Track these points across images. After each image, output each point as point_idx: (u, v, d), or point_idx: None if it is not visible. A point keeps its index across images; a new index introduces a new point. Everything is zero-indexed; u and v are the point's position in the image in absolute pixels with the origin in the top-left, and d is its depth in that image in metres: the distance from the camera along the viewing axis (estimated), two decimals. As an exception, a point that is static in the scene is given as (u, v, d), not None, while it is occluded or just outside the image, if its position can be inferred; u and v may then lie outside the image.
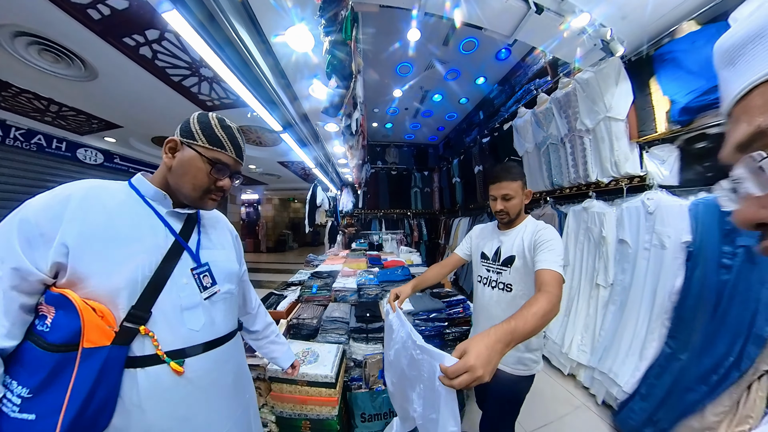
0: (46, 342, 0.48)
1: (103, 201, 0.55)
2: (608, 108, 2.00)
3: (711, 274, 1.35)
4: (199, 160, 0.62)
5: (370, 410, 1.42)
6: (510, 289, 1.08)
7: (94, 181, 0.57)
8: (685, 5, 1.60)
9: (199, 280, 0.64)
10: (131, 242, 0.56)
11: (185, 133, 0.63)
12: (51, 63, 2.04)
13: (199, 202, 0.65)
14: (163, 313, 0.56)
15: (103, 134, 3.44)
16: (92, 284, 0.51)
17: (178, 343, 0.58)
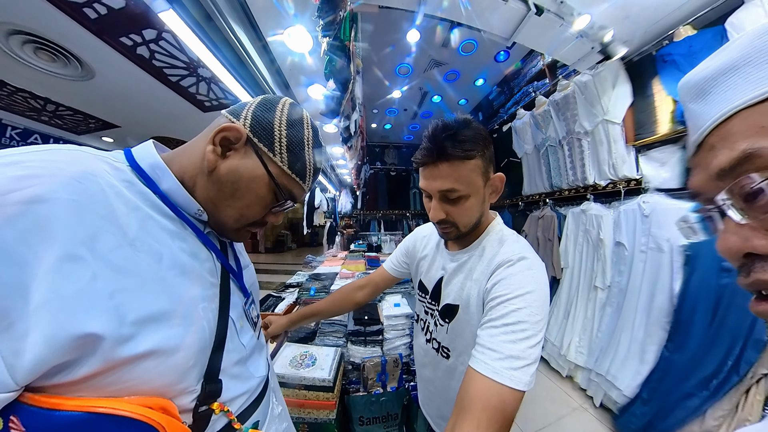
0: None
1: (113, 210, 0.30)
2: (605, 111, 2.01)
3: (711, 277, 1.35)
4: (265, 186, 0.41)
5: (368, 413, 1.41)
6: (446, 354, 0.64)
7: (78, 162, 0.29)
8: (682, 9, 1.61)
9: (249, 316, 0.48)
10: (181, 288, 0.35)
11: (263, 130, 0.40)
12: (47, 62, 2.02)
13: (234, 233, 0.44)
14: (231, 374, 0.40)
15: (101, 134, 3.42)
16: (142, 371, 0.29)
17: (246, 398, 0.44)
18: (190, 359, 0.33)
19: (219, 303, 0.40)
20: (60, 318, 0.24)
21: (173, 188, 0.38)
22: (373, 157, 5.80)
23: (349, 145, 2.66)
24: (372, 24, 2.45)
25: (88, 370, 0.26)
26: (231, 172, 0.39)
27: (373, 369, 1.49)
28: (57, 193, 0.26)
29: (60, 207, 0.26)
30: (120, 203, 0.31)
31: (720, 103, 0.22)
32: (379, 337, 1.65)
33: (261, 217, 0.44)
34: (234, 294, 0.45)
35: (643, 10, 1.65)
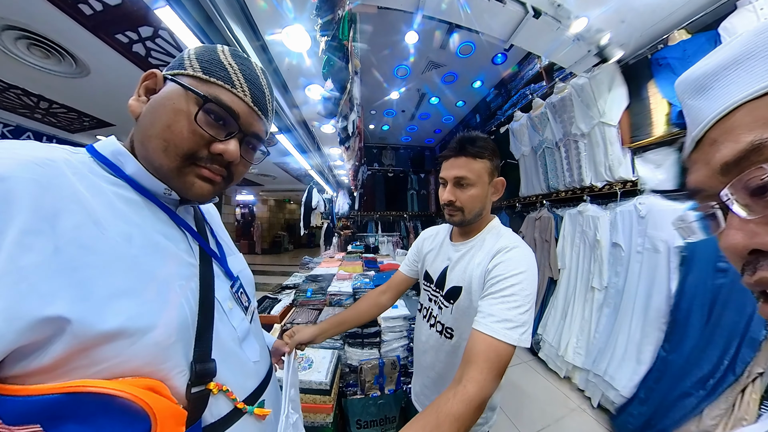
0: None
1: (74, 191, 0.29)
2: (602, 113, 2.03)
3: (707, 277, 1.36)
4: (181, 98, 0.36)
5: (366, 417, 1.39)
6: (450, 335, 0.74)
7: (28, 146, 0.29)
8: (677, 14, 1.63)
9: (239, 299, 0.47)
10: (154, 265, 0.34)
11: (172, 64, 0.39)
12: (40, 59, 1.99)
13: (177, 178, 0.37)
14: (224, 355, 0.39)
15: (95, 132, 3.37)
16: (118, 348, 0.28)
17: (252, 383, 0.44)
18: (171, 336, 0.32)
19: (200, 282, 0.39)
20: (20, 289, 0.24)
21: (137, 171, 0.37)
22: (371, 158, 5.80)
23: (346, 146, 2.66)
24: (370, 25, 2.46)
25: (56, 354, 0.25)
26: (148, 105, 0.37)
27: (370, 371, 1.48)
28: (17, 172, 0.26)
29: (20, 185, 0.25)
30: (82, 186, 0.31)
31: (722, 97, 0.22)
32: (376, 339, 1.64)
33: (195, 142, 0.37)
34: (218, 277, 0.44)
35: (639, 14, 1.67)
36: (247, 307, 0.49)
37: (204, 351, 0.36)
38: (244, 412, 0.40)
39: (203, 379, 0.35)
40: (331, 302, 1.94)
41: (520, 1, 1.72)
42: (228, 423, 0.38)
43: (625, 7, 1.64)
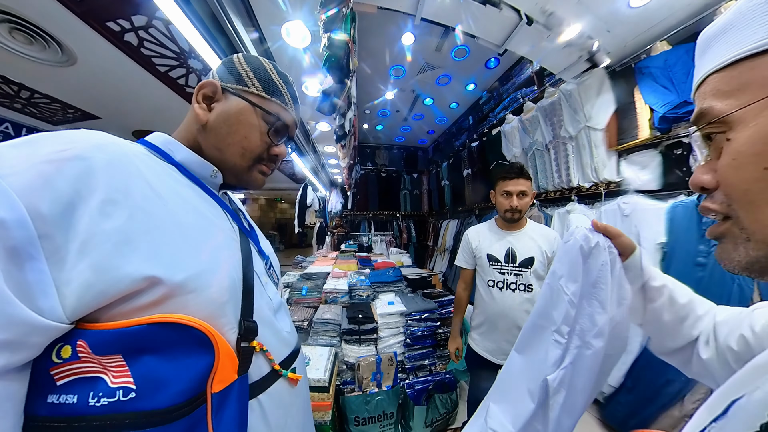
0: (147, 413, 0.28)
1: (139, 169, 0.35)
2: (588, 118, 2.12)
3: (687, 271, 1.45)
4: (252, 114, 0.45)
5: (364, 413, 1.40)
6: (531, 289, 1.12)
7: (98, 134, 0.34)
8: (659, 26, 1.73)
9: (271, 276, 0.53)
10: (206, 234, 0.39)
11: (230, 75, 0.46)
12: (23, 44, 1.89)
13: (247, 174, 0.48)
14: (263, 321, 0.43)
15: (79, 125, 3.21)
16: (182, 302, 0.32)
17: (285, 350, 0.48)
18: (224, 294, 0.37)
19: (241, 254, 0.44)
20: (106, 248, 0.29)
21: (187, 156, 0.45)
22: (365, 157, 5.80)
23: (342, 144, 2.65)
24: (368, 25, 2.48)
25: (137, 303, 0.30)
26: (220, 115, 0.45)
27: (367, 368, 1.48)
28: (92, 153, 0.31)
29: (97, 164, 0.31)
30: (143, 166, 0.36)
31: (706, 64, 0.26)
32: (373, 335, 1.65)
33: (263, 148, 0.48)
34: (254, 254, 0.49)
35: (624, 25, 1.76)
36: (277, 284, 0.56)
37: (248, 311, 0.41)
38: (280, 374, 0.45)
39: (248, 335, 0.40)
40: (326, 300, 1.93)
41: (515, 8, 1.78)
42: (268, 383, 0.43)
43: (612, 18, 1.73)
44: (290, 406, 0.47)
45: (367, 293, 1.94)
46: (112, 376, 0.28)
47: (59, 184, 0.28)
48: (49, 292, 0.26)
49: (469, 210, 4.14)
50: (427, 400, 1.53)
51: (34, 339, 0.26)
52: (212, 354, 0.33)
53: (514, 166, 1.15)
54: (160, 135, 0.45)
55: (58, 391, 0.27)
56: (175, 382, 0.30)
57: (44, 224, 0.26)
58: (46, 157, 0.28)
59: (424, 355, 1.72)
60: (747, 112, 0.23)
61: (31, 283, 0.25)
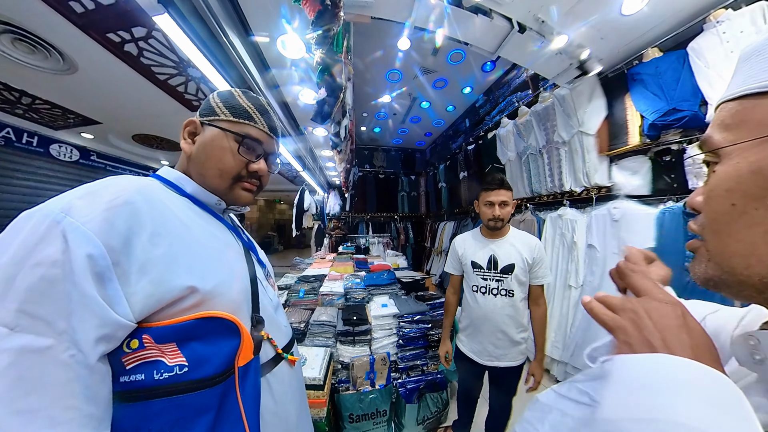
0: (196, 381, 0.40)
1: (168, 206, 0.45)
2: (580, 123, 2.15)
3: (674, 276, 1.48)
4: (223, 138, 0.52)
5: (358, 411, 1.45)
6: (512, 294, 1.19)
7: (132, 180, 0.43)
8: (650, 33, 1.77)
9: (269, 281, 0.65)
10: (221, 252, 0.50)
11: (205, 111, 0.54)
12: (25, 54, 1.94)
13: (230, 193, 0.55)
14: (267, 316, 0.55)
15: (80, 130, 3.26)
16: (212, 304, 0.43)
17: (284, 339, 0.59)
18: (240, 296, 0.49)
19: (247, 266, 0.55)
20: (160, 268, 0.39)
21: (195, 189, 0.54)
22: (362, 159, 5.84)
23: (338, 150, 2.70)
24: (364, 31, 2.51)
25: (182, 306, 0.41)
26: (199, 146, 0.53)
27: (361, 368, 1.53)
28: (136, 197, 0.41)
29: (141, 205, 0.40)
30: (168, 201, 0.47)
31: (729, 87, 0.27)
32: (367, 336, 1.70)
33: (239, 167, 0.54)
34: (255, 264, 0.59)
35: (616, 31, 1.80)
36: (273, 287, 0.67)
37: (256, 308, 0.53)
38: (283, 357, 0.56)
39: (258, 326, 0.51)
40: (323, 302, 1.98)
41: (506, 17, 1.82)
42: (274, 364, 0.54)
43: (605, 25, 1.76)
44: (290, 385, 0.58)
45: (362, 296, 1.99)
46: (169, 358, 0.39)
47: (118, 225, 0.37)
48: (123, 302, 0.36)
49: (465, 212, 4.18)
50: (418, 398, 1.58)
51: (119, 333, 0.36)
52: (239, 337, 0.44)
53: (495, 177, 1.21)
54: (170, 171, 0.54)
55: (127, 373, 0.37)
56: (215, 358, 0.42)
57: (114, 255, 0.36)
58: (106, 205, 0.37)
59: (416, 355, 1.77)
60: (735, 149, 0.24)
61: (111, 297, 0.35)
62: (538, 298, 1.24)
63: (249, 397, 0.45)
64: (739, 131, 0.24)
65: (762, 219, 0.22)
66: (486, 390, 1.38)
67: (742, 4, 1.44)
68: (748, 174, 0.23)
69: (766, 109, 0.22)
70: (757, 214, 0.22)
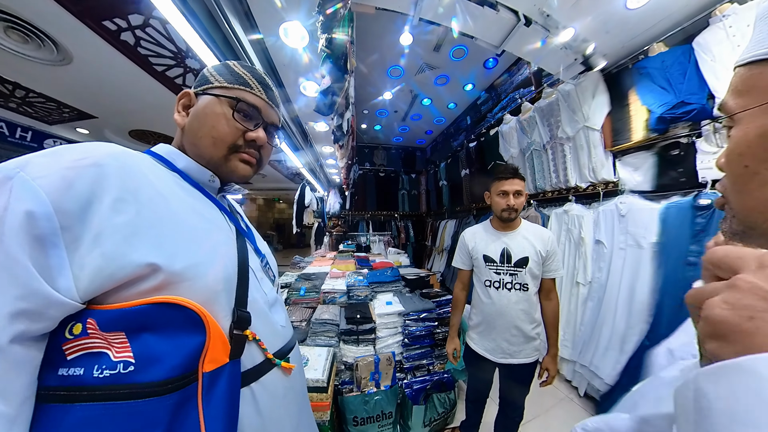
0: (143, 385, 0.31)
1: (146, 175, 0.39)
2: (586, 118, 2.13)
3: (678, 271, 1.47)
4: (216, 104, 0.47)
5: (362, 413, 1.40)
6: (527, 288, 1.15)
7: (112, 145, 0.38)
8: (656, 28, 1.75)
9: (267, 273, 0.56)
10: (204, 232, 0.43)
11: (199, 82, 0.51)
12: (18, 43, 1.88)
13: (225, 164, 0.49)
14: (257, 313, 0.46)
15: (75, 125, 3.18)
16: (181, 288, 0.36)
17: (278, 342, 0.50)
18: (218, 283, 0.41)
19: (237, 251, 0.47)
20: (116, 239, 0.33)
21: (187, 164, 0.48)
22: (363, 157, 5.80)
23: (340, 144, 2.65)
24: (366, 25, 2.47)
25: (141, 288, 0.34)
26: (192, 115, 0.49)
27: (366, 368, 1.48)
28: (107, 160, 0.36)
29: (111, 169, 0.35)
30: (150, 172, 0.41)
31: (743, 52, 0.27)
32: (371, 335, 1.65)
33: (235, 135, 0.49)
34: (250, 252, 0.52)
35: (622, 26, 1.78)
36: (273, 280, 0.58)
37: (242, 302, 0.44)
38: (274, 363, 0.47)
39: (241, 324, 0.42)
40: (325, 300, 1.93)
41: (512, 10, 1.79)
42: (261, 372, 0.45)
43: (610, 19, 1.74)
44: (284, 397, 0.48)
45: (365, 293, 1.95)
46: (115, 351, 0.32)
47: (79, 185, 0.32)
48: (66, 274, 0.30)
49: (467, 210, 4.15)
50: (425, 399, 1.54)
51: (50, 312, 0.30)
52: (204, 334, 0.36)
53: (509, 167, 1.17)
54: (164, 146, 0.50)
55: (68, 364, 0.31)
56: (170, 357, 0.33)
57: (66, 218, 0.31)
58: (68, 164, 0.33)
59: (422, 354, 1.72)
60: (745, 115, 0.25)
61: (52, 266, 0.30)
62: (550, 292, 1.20)
63: (217, 412, 0.35)
64: (750, 97, 0.25)
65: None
66: (495, 389, 1.34)
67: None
68: (756, 138, 0.24)
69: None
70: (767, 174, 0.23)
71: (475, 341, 1.27)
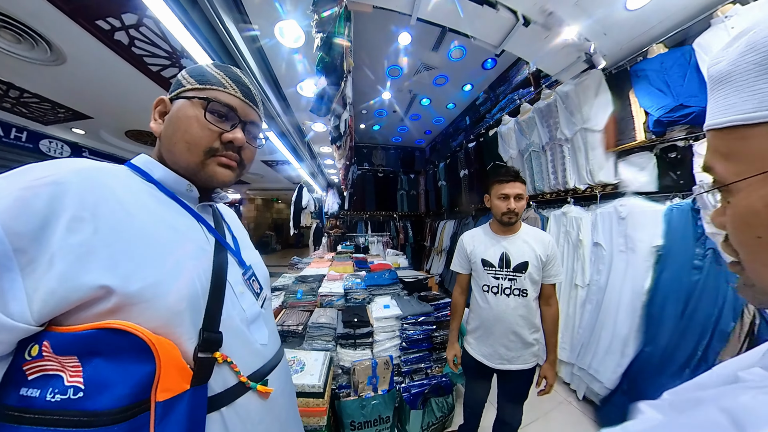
0: (91, 413, 0.30)
1: (112, 189, 0.38)
2: (585, 119, 2.11)
3: (683, 274, 1.45)
4: (189, 107, 0.46)
5: (360, 418, 1.38)
6: (526, 294, 1.13)
7: (81, 161, 0.38)
8: (655, 29, 1.73)
9: (251, 286, 0.53)
10: (172, 246, 0.41)
11: (173, 87, 0.49)
12: (11, 43, 1.85)
13: (203, 170, 0.47)
14: (232, 332, 0.44)
15: (71, 125, 3.16)
16: (137, 310, 0.35)
17: (257, 362, 0.48)
18: (181, 303, 0.38)
19: (213, 265, 0.45)
20: (69, 260, 0.32)
21: (163, 174, 0.47)
22: (361, 157, 5.78)
23: (338, 145, 2.63)
24: (364, 25, 2.45)
25: (96, 310, 0.33)
26: (166, 122, 0.48)
27: (363, 372, 1.47)
28: (68, 177, 0.35)
29: (70, 187, 0.35)
30: (118, 186, 0.40)
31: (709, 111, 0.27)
32: (368, 339, 1.64)
33: (210, 138, 0.46)
34: (231, 264, 0.50)
35: (620, 27, 1.76)
36: (258, 294, 0.55)
37: (212, 322, 0.41)
38: (248, 386, 0.44)
39: (210, 346, 0.40)
40: (322, 303, 1.91)
41: (512, 9, 1.77)
42: (233, 396, 0.42)
43: (608, 21, 1.73)
44: (259, 423, 0.46)
45: (363, 296, 1.93)
46: (69, 375, 0.31)
47: (35, 205, 0.32)
48: (20, 297, 0.30)
49: (466, 211, 4.13)
50: (423, 403, 1.52)
51: (2, 336, 0.30)
52: (153, 363, 0.34)
53: (510, 170, 1.15)
54: (142, 156, 0.48)
55: (28, 384, 0.31)
56: (118, 386, 0.32)
57: (19, 240, 0.30)
58: (26, 183, 0.33)
59: (420, 358, 1.71)
60: (741, 185, 0.25)
61: (4, 290, 0.30)
62: (550, 298, 1.18)
63: None
64: (741, 163, 0.24)
65: None
66: (493, 394, 1.32)
67: (751, 0, 1.41)
68: (763, 208, 0.23)
69: (760, 141, 0.23)
70: None
71: (472, 346, 1.25)
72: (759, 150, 0.23)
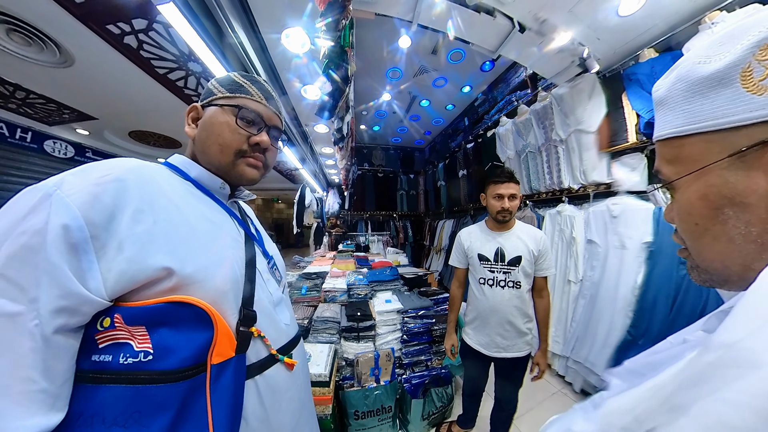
0: (159, 372, 0.36)
1: (160, 185, 0.44)
2: (579, 121, 2.18)
3: (672, 269, 1.52)
4: (221, 114, 0.52)
5: (363, 408, 1.44)
6: (519, 286, 1.21)
7: (131, 160, 0.44)
8: (646, 34, 1.80)
9: (273, 274, 0.60)
10: (213, 236, 0.48)
11: (204, 95, 0.56)
12: (21, 45, 1.89)
13: (234, 169, 0.53)
14: (263, 312, 0.50)
15: (75, 126, 3.19)
16: (192, 289, 0.41)
17: (282, 339, 0.54)
18: (226, 284, 0.45)
19: (245, 254, 0.52)
20: (136, 246, 0.38)
21: (199, 173, 0.53)
22: (361, 158, 5.83)
23: (340, 147, 2.69)
24: (366, 28, 2.51)
25: (159, 289, 0.39)
26: (200, 126, 0.54)
27: (366, 364, 1.53)
28: (127, 175, 0.40)
29: (130, 183, 0.40)
30: (165, 184, 0.46)
31: (656, 125, 0.34)
32: (371, 332, 1.70)
33: (240, 141, 0.53)
34: (258, 254, 0.56)
35: (613, 33, 1.83)
36: (279, 281, 0.62)
37: (248, 301, 0.48)
38: (277, 359, 0.51)
39: (247, 322, 0.47)
40: (326, 298, 1.97)
41: (508, 16, 1.84)
42: (266, 366, 0.49)
43: (602, 27, 1.79)
44: (286, 391, 0.52)
45: (365, 292, 1.99)
46: (137, 342, 0.37)
47: (104, 199, 0.37)
48: (96, 277, 0.36)
49: (465, 210, 4.20)
50: (423, 394, 1.58)
51: (84, 308, 0.35)
52: (212, 330, 0.40)
53: (505, 170, 1.22)
54: (179, 156, 0.55)
55: (99, 351, 0.36)
56: (182, 350, 0.38)
57: (94, 228, 0.36)
58: (95, 180, 0.38)
59: (420, 350, 1.77)
60: (681, 181, 0.30)
61: (84, 270, 0.35)
62: (542, 290, 1.25)
63: (224, 401, 0.40)
64: (678, 165, 0.30)
65: (721, 232, 0.27)
66: (490, 384, 1.39)
67: (736, 6, 1.48)
68: (697, 201, 0.29)
69: (690, 148, 0.28)
70: (716, 229, 0.28)
71: (470, 336, 1.32)
72: (691, 154, 0.28)
